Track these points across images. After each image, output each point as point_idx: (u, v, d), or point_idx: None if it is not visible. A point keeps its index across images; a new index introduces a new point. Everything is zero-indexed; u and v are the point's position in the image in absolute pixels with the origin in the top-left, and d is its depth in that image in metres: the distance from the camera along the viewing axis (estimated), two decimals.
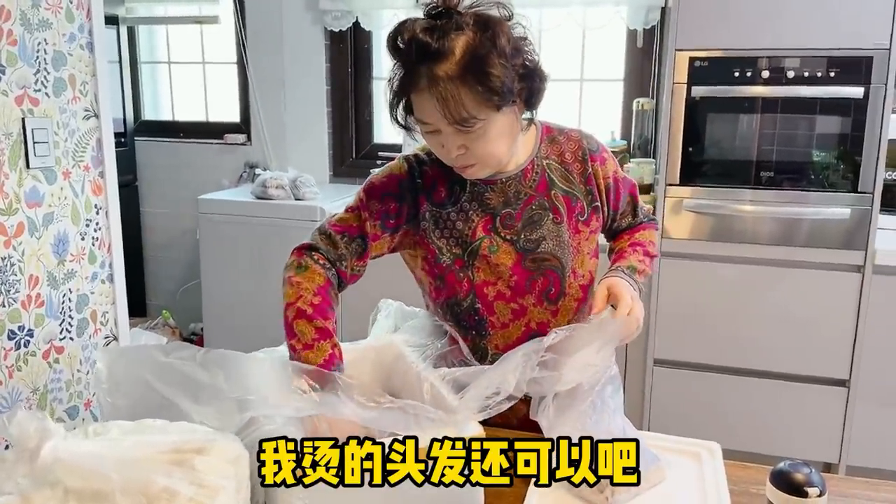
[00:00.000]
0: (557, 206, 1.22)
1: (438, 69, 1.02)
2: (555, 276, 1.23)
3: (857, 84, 2.15)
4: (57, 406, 1.76)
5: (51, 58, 1.68)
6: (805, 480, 0.88)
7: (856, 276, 2.24)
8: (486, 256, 1.20)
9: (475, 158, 1.11)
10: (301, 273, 1.16)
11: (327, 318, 1.12)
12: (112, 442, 0.79)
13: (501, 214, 1.21)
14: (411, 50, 1.04)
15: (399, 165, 1.23)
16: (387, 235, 1.21)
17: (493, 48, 1.03)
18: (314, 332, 1.09)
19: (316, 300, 1.12)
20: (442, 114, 1.03)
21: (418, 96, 1.06)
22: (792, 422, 2.36)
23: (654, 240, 1.36)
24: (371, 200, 1.20)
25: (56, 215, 1.72)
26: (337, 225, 1.21)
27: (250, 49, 3.22)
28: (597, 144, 1.27)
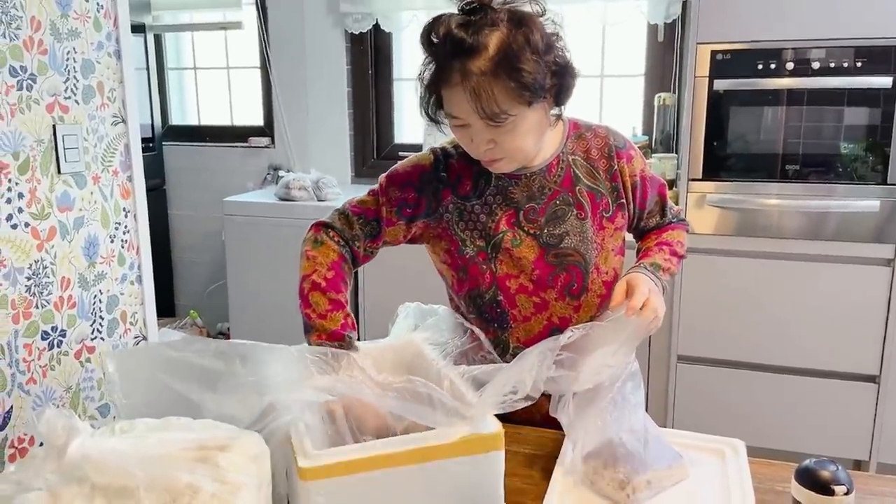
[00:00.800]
0: (582, 202, 1.23)
1: (472, 64, 1.03)
2: (577, 272, 1.23)
3: (885, 74, 2.11)
4: (89, 404, 1.80)
5: (80, 66, 1.72)
6: (831, 478, 0.87)
7: (886, 269, 2.20)
8: (509, 250, 1.21)
9: (503, 153, 1.13)
10: (317, 248, 1.21)
11: (340, 291, 1.18)
12: (137, 439, 0.81)
13: (525, 209, 1.22)
14: (445, 45, 1.05)
15: (425, 157, 1.25)
16: (402, 223, 1.24)
17: (527, 44, 1.05)
18: (328, 303, 1.15)
19: (329, 274, 1.18)
20: (474, 108, 1.05)
21: (450, 91, 1.07)
22: (820, 419, 2.32)
23: (683, 240, 1.34)
24: (391, 187, 1.24)
25: (86, 219, 1.76)
26: (356, 207, 1.26)
27: (273, 53, 3.26)
28: (624, 141, 1.28)
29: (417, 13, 3.01)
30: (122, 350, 1.80)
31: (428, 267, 1.37)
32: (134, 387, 0.91)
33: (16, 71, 1.57)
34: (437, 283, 1.37)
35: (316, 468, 0.86)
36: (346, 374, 1.00)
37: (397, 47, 3.24)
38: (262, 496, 0.83)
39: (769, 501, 1.03)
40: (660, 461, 1.06)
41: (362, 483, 0.88)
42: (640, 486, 1.03)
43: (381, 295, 2.77)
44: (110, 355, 0.93)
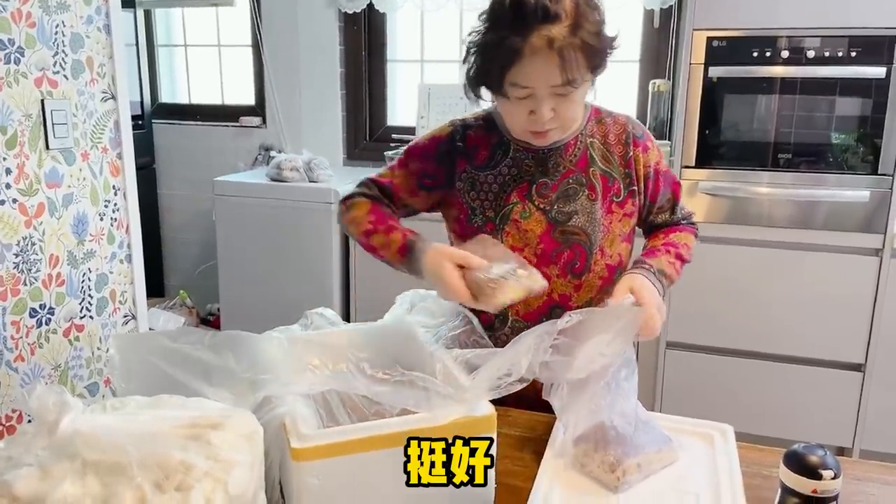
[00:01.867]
0: (594, 183, 1.25)
1: (555, 31, 1.06)
2: (581, 251, 1.24)
3: (878, 64, 2.12)
4: (77, 383, 1.80)
5: (69, 40, 1.69)
6: (819, 463, 0.88)
7: (874, 259, 2.22)
8: (517, 221, 1.24)
9: (559, 122, 1.16)
10: (351, 211, 1.29)
11: (386, 222, 1.25)
12: (129, 416, 0.80)
13: (538, 183, 1.24)
14: (530, 11, 1.06)
15: (444, 128, 1.30)
16: (423, 193, 1.30)
17: (596, 12, 1.10)
18: (384, 235, 1.23)
19: (371, 218, 1.26)
20: (559, 74, 1.07)
21: (530, 59, 1.07)
22: (806, 406, 2.35)
23: (690, 244, 1.34)
24: (410, 159, 1.30)
25: (75, 196, 1.74)
26: (375, 177, 1.33)
27: (265, 31, 3.22)
28: (642, 132, 1.30)
29: None
30: (125, 335, 1.79)
31: None
32: (133, 372, 0.90)
33: (3, 44, 1.54)
34: None
35: (308, 449, 0.86)
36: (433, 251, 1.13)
37: (391, 28, 3.20)
38: (255, 475, 0.83)
39: (757, 486, 1.04)
40: (650, 445, 1.07)
41: (355, 464, 0.88)
42: (630, 468, 1.04)
43: (373, 283, 2.76)
44: (114, 338, 0.93)
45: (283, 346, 0.94)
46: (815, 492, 0.87)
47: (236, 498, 0.78)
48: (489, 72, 1.13)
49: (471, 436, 0.92)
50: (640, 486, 1.04)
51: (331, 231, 2.75)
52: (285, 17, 3.17)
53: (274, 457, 0.91)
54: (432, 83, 3.11)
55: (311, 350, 0.98)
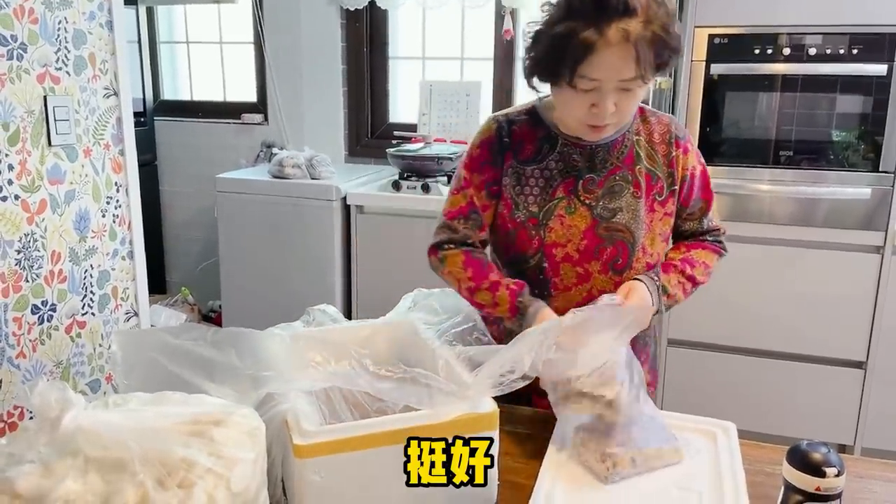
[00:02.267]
0: (639, 180, 1.25)
1: (631, 25, 1.07)
2: (624, 248, 1.25)
3: (879, 62, 2.11)
4: (79, 379, 1.80)
5: (71, 36, 1.69)
6: (823, 460, 0.88)
7: (875, 257, 2.22)
8: (562, 217, 1.24)
9: (618, 117, 1.16)
10: (444, 264, 1.29)
11: (486, 276, 1.24)
12: (132, 413, 0.80)
13: (585, 178, 1.24)
14: (612, 5, 1.06)
15: (487, 128, 1.29)
16: (494, 202, 1.28)
17: (667, 11, 1.11)
18: (489, 293, 1.23)
19: (469, 272, 1.25)
20: (633, 67, 1.07)
21: (604, 53, 1.07)
22: (807, 403, 2.35)
23: (710, 264, 1.33)
24: (472, 174, 1.28)
25: (77, 192, 1.74)
26: (449, 212, 1.30)
27: (267, 29, 3.21)
28: (684, 133, 1.30)
29: None
30: (127, 331, 1.80)
31: (421, 249, 1.37)
32: (135, 369, 0.90)
33: (6, 40, 1.54)
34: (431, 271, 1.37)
35: (311, 446, 0.86)
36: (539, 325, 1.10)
37: (393, 25, 3.20)
38: (258, 471, 0.83)
39: (760, 483, 1.04)
40: (651, 441, 1.07)
41: (357, 461, 0.88)
42: (622, 461, 1.04)
43: (375, 280, 2.76)
44: (116, 335, 0.93)
45: (286, 343, 0.94)
46: (819, 489, 0.86)
47: (239, 495, 0.79)
48: (559, 62, 1.11)
49: (473, 433, 0.92)
50: (643, 483, 1.04)
51: (332, 228, 2.75)
52: (287, 14, 3.17)
53: (276, 454, 0.91)
54: (434, 80, 3.11)
55: (313, 347, 0.98)
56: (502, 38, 2.94)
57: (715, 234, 1.37)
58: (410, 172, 2.76)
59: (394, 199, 2.70)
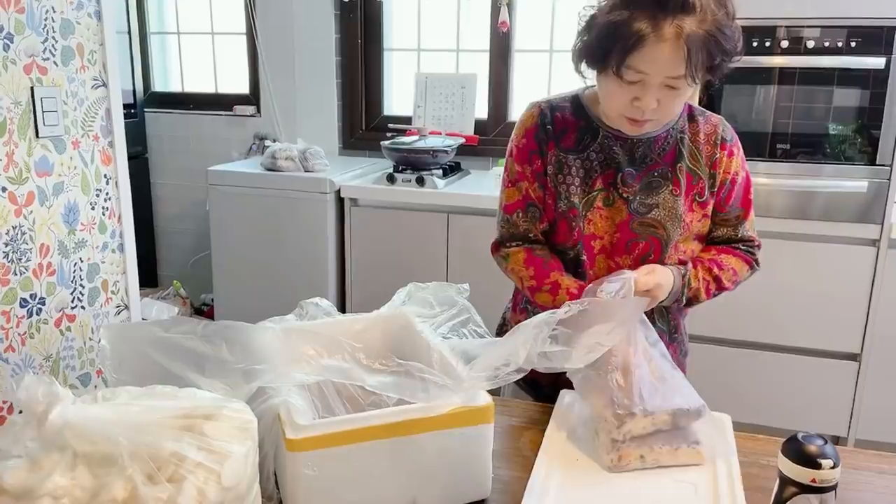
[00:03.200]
0: (679, 178, 1.24)
1: (688, 22, 1.05)
2: (657, 244, 1.24)
3: (877, 55, 2.10)
4: (69, 373, 1.78)
5: (58, 26, 1.66)
6: (818, 452, 0.87)
7: (871, 250, 2.22)
8: (600, 209, 1.23)
9: (659, 114, 1.15)
10: (508, 262, 1.30)
11: (547, 275, 1.24)
12: (121, 407, 0.79)
13: (624, 172, 1.24)
14: (670, 0, 1.05)
15: (529, 115, 1.28)
16: (543, 191, 1.27)
17: (727, 12, 1.10)
18: (549, 295, 1.23)
19: (530, 272, 1.26)
20: (683, 65, 1.06)
21: (655, 45, 1.06)
22: (802, 395, 2.35)
23: (740, 274, 1.31)
24: (524, 166, 1.27)
25: (66, 185, 1.72)
26: (508, 207, 1.30)
27: (259, 19, 3.18)
28: (731, 136, 1.29)
29: None
30: (117, 325, 1.78)
31: (415, 243, 1.36)
32: (125, 362, 0.89)
33: None
34: (426, 261, 1.36)
35: (303, 440, 0.85)
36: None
37: (388, 17, 3.17)
38: (250, 466, 0.82)
39: (755, 475, 1.04)
40: (666, 402, 1.06)
41: (351, 454, 0.87)
42: (629, 455, 1.03)
43: (369, 274, 2.75)
44: (105, 329, 0.91)
45: (278, 337, 0.93)
46: (815, 481, 0.86)
47: (230, 489, 0.77)
48: (609, 50, 1.09)
49: (468, 426, 0.91)
50: (639, 476, 1.04)
51: (325, 221, 2.73)
52: (280, 5, 3.14)
53: (268, 448, 0.90)
54: (429, 72, 3.09)
55: (306, 340, 0.97)
56: (498, 30, 2.92)
57: (749, 244, 1.33)
58: (405, 165, 2.74)
59: (388, 192, 2.68)
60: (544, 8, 2.93)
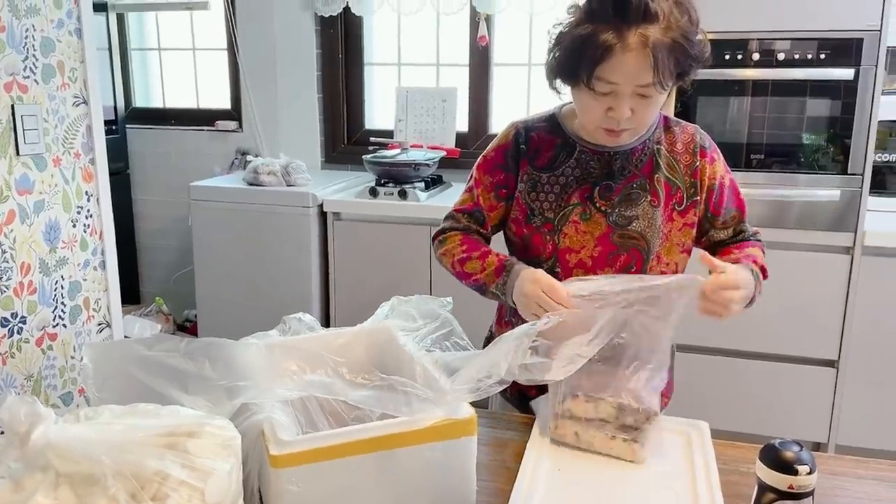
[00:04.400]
0: (657, 189, 1.25)
1: (651, 30, 1.08)
2: (638, 256, 1.25)
3: (847, 66, 2.15)
4: (51, 392, 1.76)
5: (39, 44, 1.66)
6: (795, 458, 0.89)
7: (845, 257, 2.26)
8: (577, 223, 1.24)
9: (634, 123, 1.17)
10: (443, 244, 1.33)
11: (479, 248, 1.29)
12: (103, 426, 0.79)
13: (601, 185, 1.25)
14: (633, 10, 1.07)
15: (506, 134, 1.32)
16: (502, 204, 1.31)
17: (690, 18, 1.11)
18: (479, 261, 1.26)
19: (464, 247, 1.30)
20: (651, 73, 1.08)
21: (622, 57, 1.08)
22: (781, 402, 2.38)
23: (761, 259, 1.29)
24: (483, 175, 1.31)
25: (47, 202, 1.71)
26: (457, 207, 1.35)
27: (240, 35, 3.19)
28: (709, 143, 1.30)
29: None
30: (99, 343, 1.76)
31: (399, 256, 1.38)
32: (107, 381, 0.89)
33: None
34: (409, 274, 1.38)
35: (287, 455, 0.85)
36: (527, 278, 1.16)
37: (368, 31, 3.20)
38: (234, 483, 0.82)
39: (735, 482, 1.05)
40: (608, 399, 1.11)
41: (335, 470, 0.87)
42: (564, 427, 1.11)
43: (353, 288, 2.75)
44: (87, 347, 0.91)
45: (261, 353, 0.93)
46: (792, 487, 0.88)
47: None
48: (578, 64, 1.12)
49: (451, 438, 0.92)
50: (618, 484, 1.05)
51: (309, 235, 2.73)
52: (261, 21, 3.15)
53: (252, 464, 0.90)
54: (410, 86, 3.11)
55: (288, 356, 0.97)
56: (477, 45, 2.95)
57: (755, 236, 1.36)
58: (387, 179, 2.75)
59: (371, 205, 2.69)
60: (522, 23, 2.97)
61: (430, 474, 0.93)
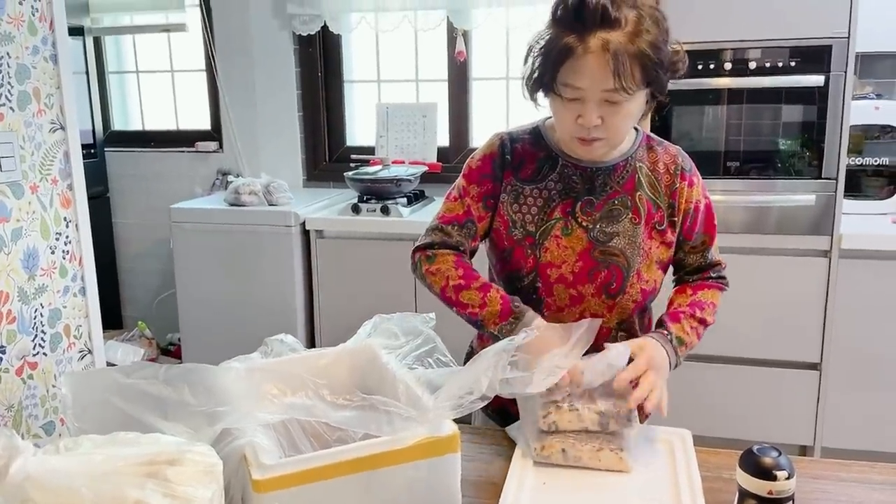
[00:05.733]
0: (639, 207, 1.25)
1: (613, 35, 1.09)
2: (618, 272, 1.25)
3: (817, 73, 2.19)
4: (33, 422, 1.74)
5: (14, 71, 1.66)
6: (773, 464, 0.90)
7: (823, 260, 2.29)
8: (558, 237, 1.25)
9: (605, 132, 1.16)
10: (432, 262, 1.28)
11: (478, 278, 1.26)
12: (83, 456, 0.78)
13: (583, 200, 1.25)
14: (590, 14, 1.09)
15: (491, 143, 1.31)
16: (489, 215, 1.30)
17: (658, 28, 1.12)
18: (478, 293, 1.23)
19: (460, 272, 1.25)
20: (612, 78, 1.08)
21: (583, 59, 1.09)
22: (766, 407, 2.40)
23: (717, 303, 1.33)
24: (471, 185, 1.29)
25: (25, 230, 1.70)
26: (444, 216, 1.31)
27: (219, 56, 3.20)
28: (690, 166, 1.30)
29: (366, 14, 3.00)
30: (77, 373, 1.75)
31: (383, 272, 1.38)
32: (87, 411, 0.88)
33: None
34: (393, 290, 1.38)
35: (270, 479, 0.85)
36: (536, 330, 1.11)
37: (347, 49, 3.22)
38: None
39: (717, 489, 1.06)
40: (589, 406, 1.12)
41: (318, 492, 0.87)
42: (551, 447, 1.10)
43: (337, 307, 2.74)
44: (65, 377, 0.91)
45: (241, 377, 0.93)
46: (771, 493, 0.89)
47: None
48: (544, 69, 1.14)
49: (435, 456, 0.92)
50: (603, 494, 1.05)
51: (292, 255, 2.73)
52: (239, 41, 3.16)
53: (235, 490, 0.90)
54: (390, 102, 3.13)
55: (269, 379, 0.97)
56: (455, 60, 2.97)
57: (717, 268, 1.36)
58: (369, 195, 2.76)
59: (353, 222, 2.69)
60: (499, 37, 3.00)
61: (414, 493, 0.93)
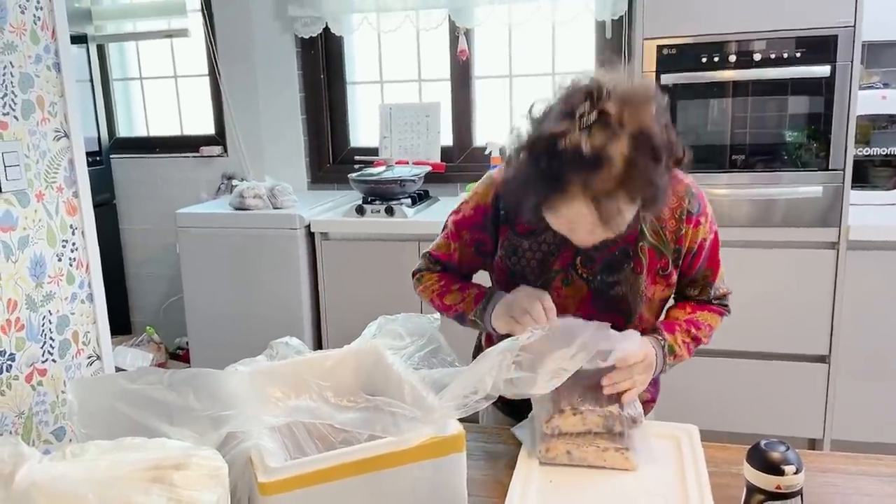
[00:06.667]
0: (641, 257, 1.21)
1: (596, 179, 0.98)
2: (620, 319, 1.22)
3: (824, 63, 2.17)
4: (43, 429, 1.75)
5: (17, 80, 1.67)
6: (781, 459, 0.89)
7: (831, 252, 2.27)
8: (559, 288, 1.23)
9: (602, 237, 1.09)
10: (421, 282, 1.36)
11: (458, 281, 1.33)
12: (89, 463, 0.79)
13: (583, 255, 1.21)
14: (566, 160, 0.98)
15: (485, 194, 1.28)
16: (481, 258, 1.32)
17: (650, 155, 1.00)
18: (458, 293, 1.30)
19: (441, 282, 1.33)
20: (596, 218, 1.01)
21: (567, 199, 1.01)
22: (774, 400, 2.38)
23: (714, 326, 1.30)
24: (461, 232, 1.31)
25: (31, 238, 1.71)
26: (435, 251, 1.37)
27: (222, 60, 3.21)
28: (698, 206, 1.22)
29: (367, 15, 3.00)
30: (83, 379, 1.76)
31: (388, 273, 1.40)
32: (93, 417, 0.89)
33: None
34: (400, 291, 1.39)
35: (276, 482, 0.85)
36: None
37: (349, 50, 3.22)
38: None
39: (725, 484, 1.05)
40: (593, 409, 1.12)
41: (324, 494, 0.87)
42: (556, 448, 1.10)
43: (344, 309, 2.75)
44: (72, 384, 0.91)
45: (245, 380, 0.93)
46: (779, 487, 0.88)
47: None
48: (527, 197, 1.07)
49: (440, 456, 0.92)
50: (612, 492, 1.05)
51: (297, 257, 2.73)
52: (241, 45, 3.17)
53: (241, 493, 0.90)
54: (393, 103, 3.13)
55: (274, 382, 0.97)
56: (458, 59, 2.97)
57: (721, 299, 1.33)
58: (374, 196, 2.76)
59: (358, 224, 2.70)
60: (501, 35, 2.99)
61: (420, 493, 0.93)
